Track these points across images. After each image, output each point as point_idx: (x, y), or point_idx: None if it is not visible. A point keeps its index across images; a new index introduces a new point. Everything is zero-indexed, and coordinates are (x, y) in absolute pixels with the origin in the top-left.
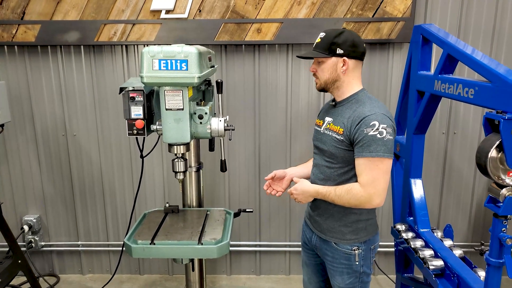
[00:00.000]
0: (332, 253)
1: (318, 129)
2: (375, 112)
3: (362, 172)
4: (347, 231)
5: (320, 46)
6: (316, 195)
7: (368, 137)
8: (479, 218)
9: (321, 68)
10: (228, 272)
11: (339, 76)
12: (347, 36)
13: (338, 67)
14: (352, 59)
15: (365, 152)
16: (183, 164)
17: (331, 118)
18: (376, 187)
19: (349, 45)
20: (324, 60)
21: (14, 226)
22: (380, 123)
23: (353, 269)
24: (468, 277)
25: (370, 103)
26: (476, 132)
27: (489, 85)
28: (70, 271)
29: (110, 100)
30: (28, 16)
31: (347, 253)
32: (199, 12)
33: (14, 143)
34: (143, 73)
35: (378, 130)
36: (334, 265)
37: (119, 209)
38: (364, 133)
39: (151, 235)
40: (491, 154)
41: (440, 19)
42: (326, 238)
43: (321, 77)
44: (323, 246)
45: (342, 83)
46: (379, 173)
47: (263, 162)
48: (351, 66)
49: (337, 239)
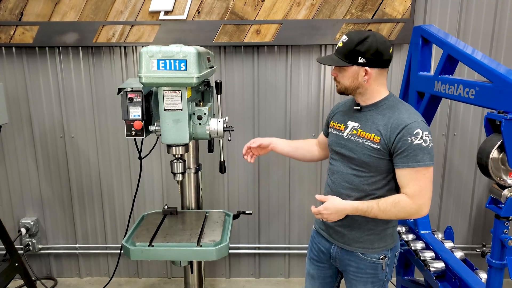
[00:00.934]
0: (357, 264)
1: (340, 134)
2: (415, 120)
3: (408, 182)
4: (375, 239)
5: (341, 51)
6: (354, 212)
7: (414, 146)
8: (480, 220)
9: (342, 75)
10: (227, 275)
11: (361, 84)
12: (371, 42)
13: (360, 76)
14: (375, 68)
15: (411, 162)
16: (182, 165)
17: (358, 123)
18: (425, 196)
19: (372, 53)
20: (346, 68)
21: (11, 229)
22: (423, 131)
23: (378, 278)
24: (469, 279)
25: (405, 108)
26: (476, 134)
27: (490, 85)
28: (68, 274)
29: (108, 101)
30: (26, 17)
31: (374, 262)
32: (198, 13)
33: (12, 145)
34: (141, 73)
35: (422, 138)
36: (359, 276)
37: (117, 211)
38: (408, 143)
39: (150, 237)
40: (492, 155)
41: (439, 20)
42: (350, 249)
43: (342, 83)
44: (346, 257)
45: (365, 90)
46: (426, 182)
47: (262, 164)
48: (374, 75)
49: (365, 248)
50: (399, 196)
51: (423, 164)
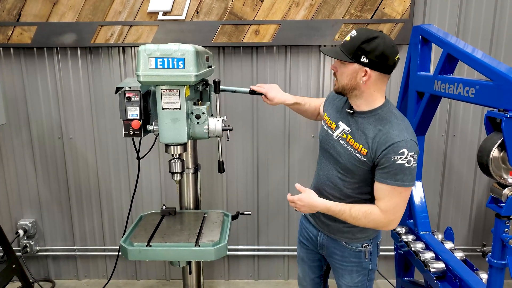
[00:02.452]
0: (341, 252)
1: (330, 132)
2: (404, 139)
3: (383, 197)
4: (357, 231)
5: (346, 46)
6: (325, 211)
7: (396, 166)
8: (480, 221)
9: (341, 71)
10: (226, 277)
11: (359, 85)
12: (378, 44)
13: (359, 76)
14: (376, 71)
15: (390, 180)
16: (180, 164)
17: (349, 128)
18: (396, 213)
19: (377, 55)
20: (346, 64)
21: (9, 231)
22: (409, 151)
23: (362, 267)
24: (470, 279)
25: (396, 123)
26: (476, 135)
27: (490, 83)
28: (66, 276)
29: (106, 102)
30: (24, 17)
31: (357, 251)
32: (196, 14)
33: (10, 146)
34: (139, 71)
35: (406, 158)
36: (344, 264)
37: (115, 212)
38: (391, 161)
39: (148, 237)
40: (493, 154)
41: (438, 20)
42: (335, 238)
43: (340, 80)
44: (331, 245)
45: (361, 93)
46: (401, 200)
47: (262, 164)
48: (373, 78)
49: (348, 238)
50: (372, 208)
51: (401, 184)
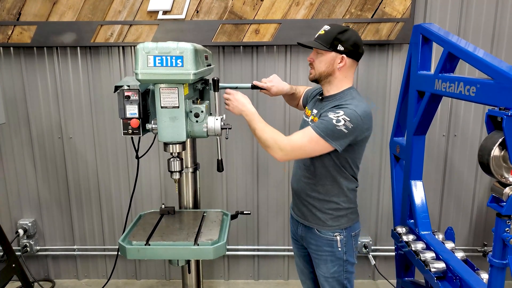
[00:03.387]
0: (315, 241)
1: (306, 119)
2: (348, 107)
3: (298, 133)
4: (328, 218)
5: (323, 38)
6: (247, 112)
7: (326, 119)
8: (480, 221)
9: (319, 60)
10: (225, 277)
11: (334, 71)
12: (350, 34)
13: (336, 63)
14: (350, 58)
15: (314, 125)
16: (179, 163)
17: (317, 111)
18: (294, 151)
19: (350, 44)
20: (324, 53)
21: (8, 230)
22: (345, 115)
23: (336, 256)
24: (470, 279)
25: (351, 101)
26: (477, 135)
27: (491, 82)
28: (66, 276)
29: (106, 102)
30: (24, 17)
31: (329, 239)
32: (196, 13)
33: (9, 145)
34: (137, 69)
35: (338, 117)
36: (319, 253)
37: (115, 212)
38: (325, 114)
39: (146, 236)
40: (494, 152)
41: (439, 19)
42: (309, 225)
43: (317, 68)
44: (308, 234)
45: (334, 78)
46: (306, 145)
47: (261, 164)
48: (347, 64)
49: (319, 226)
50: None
51: (317, 131)
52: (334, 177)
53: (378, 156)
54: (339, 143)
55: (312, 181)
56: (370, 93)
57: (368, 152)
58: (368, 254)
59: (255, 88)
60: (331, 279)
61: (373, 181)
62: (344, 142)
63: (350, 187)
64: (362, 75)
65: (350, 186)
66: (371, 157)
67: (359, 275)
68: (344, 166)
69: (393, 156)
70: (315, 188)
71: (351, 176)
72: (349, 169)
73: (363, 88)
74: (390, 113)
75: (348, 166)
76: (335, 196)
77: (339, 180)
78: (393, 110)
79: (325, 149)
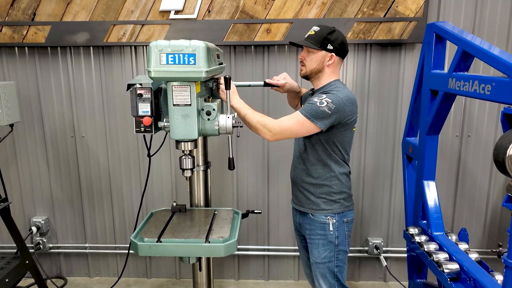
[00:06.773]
0: (310, 226)
1: None
2: (331, 92)
3: (287, 116)
4: (321, 202)
5: (313, 38)
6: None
7: (311, 101)
8: (495, 223)
9: (310, 58)
10: (236, 277)
11: (324, 68)
12: (338, 35)
13: (325, 60)
14: (338, 56)
15: (301, 108)
16: (191, 161)
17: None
18: (283, 132)
19: (338, 43)
20: (315, 52)
21: (22, 227)
22: (328, 98)
23: (328, 240)
24: (485, 280)
25: (336, 89)
26: (491, 135)
27: (507, 80)
28: (77, 274)
29: (118, 101)
30: (39, 17)
31: (322, 223)
32: (208, 13)
33: (23, 143)
34: (150, 67)
35: (321, 100)
36: (312, 238)
37: (126, 211)
38: (310, 99)
39: (158, 233)
40: (509, 151)
41: (453, 18)
42: (304, 210)
43: (308, 65)
44: (304, 220)
45: (323, 74)
46: (293, 125)
47: (272, 163)
48: (336, 61)
49: (313, 210)
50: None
51: (302, 112)
52: (324, 161)
53: (390, 156)
54: (323, 123)
55: (306, 166)
56: (382, 92)
57: (380, 152)
58: (380, 255)
59: (267, 86)
60: (322, 265)
61: (385, 181)
62: (328, 122)
63: (341, 171)
64: (374, 75)
65: (341, 170)
66: (383, 157)
67: (370, 277)
68: (334, 150)
69: (405, 156)
70: (309, 173)
71: (341, 161)
72: (338, 153)
73: (375, 88)
74: (403, 113)
75: (337, 150)
76: (327, 180)
77: (330, 164)
78: (405, 110)
79: (310, 129)
